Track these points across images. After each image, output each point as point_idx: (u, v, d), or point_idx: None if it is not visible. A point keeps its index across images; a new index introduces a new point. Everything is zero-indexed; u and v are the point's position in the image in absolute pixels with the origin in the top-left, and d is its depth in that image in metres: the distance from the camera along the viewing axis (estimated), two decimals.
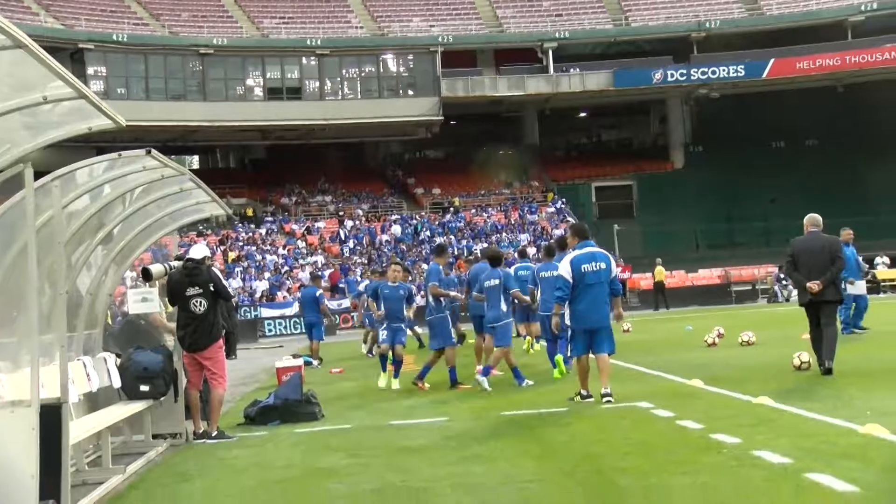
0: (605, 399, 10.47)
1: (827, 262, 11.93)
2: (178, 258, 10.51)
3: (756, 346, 16.78)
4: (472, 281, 14.46)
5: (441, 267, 14.60)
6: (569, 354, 12.15)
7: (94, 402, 9.61)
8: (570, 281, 10.68)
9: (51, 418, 6.11)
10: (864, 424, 7.72)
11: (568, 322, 10.99)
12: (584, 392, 10.80)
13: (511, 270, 14.47)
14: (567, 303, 10.79)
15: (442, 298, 13.85)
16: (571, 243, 11.25)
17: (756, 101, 55.39)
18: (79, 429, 7.87)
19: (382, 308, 14.35)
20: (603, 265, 10.75)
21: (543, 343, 16.12)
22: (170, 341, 10.59)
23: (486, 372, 12.98)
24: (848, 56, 52.63)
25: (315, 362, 19.73)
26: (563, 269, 10.85)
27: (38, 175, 6.62)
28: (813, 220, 12.50)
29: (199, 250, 10.44)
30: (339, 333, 34.88)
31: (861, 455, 6.73)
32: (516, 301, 13.71)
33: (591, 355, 10.90)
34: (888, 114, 54.30)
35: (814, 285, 11.88)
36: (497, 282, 13.10)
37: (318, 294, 20.90)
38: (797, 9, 55.40)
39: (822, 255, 11.97)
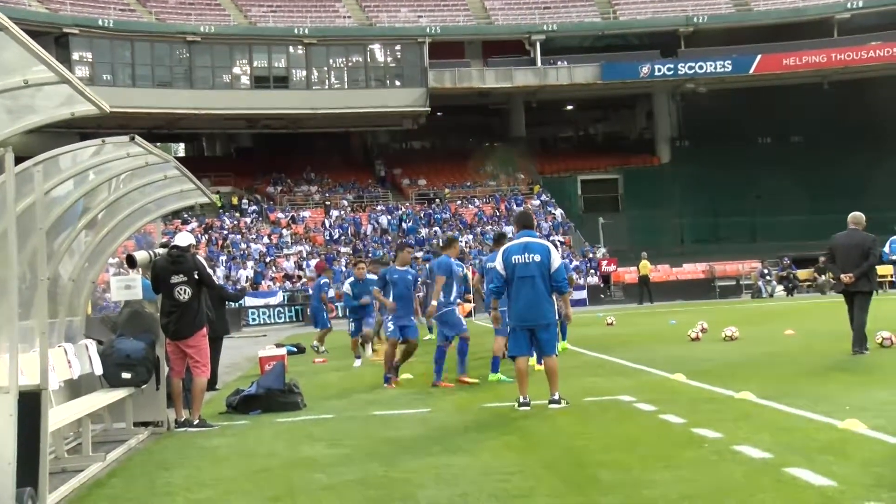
0: (550, 405, 9.76)
1: (859, 257, 13.13)
2: (163, 245, 10.47)
3: (739, 342, 16.84)
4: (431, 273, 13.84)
5: (452, 260, 13.25)
6: (506, 353, 11.29)
7: (75, 389, 9.56)
8: (503, 274, 10.01)
9: (29, 405, 6.06)
10: (843, 420, 7.77)
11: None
12: (521, 398, 9.88)
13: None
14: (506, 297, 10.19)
15: (454, 288, 12.95)
16: (514, 232, 10.64)
17: (743, 96, 55.61)
18: (59, 416, 7.83)
19: (391, 295, 13.23)
20: (537, 257, 9.86)
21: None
22: None
23: (495, 365, 12.67)
24: (834, 53, 52.93)
25: (322, 348, 19.84)
26: (497, 261, 10.25)
27: (20, 160, 6.56)
28: (854, 218, 13.58)
29: (184, 238, 10.41)
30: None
31: (840, 450, 6.76)
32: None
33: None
34: (874, 111, 54.61)
35: (846, 277, 13.10)
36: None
37: (321, 282, 20.99)
38: (784, 5, 55.62)
39: (855, 250, 13.18)
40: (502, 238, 13.77)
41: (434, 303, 12.94)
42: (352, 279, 17.74)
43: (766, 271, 43.43)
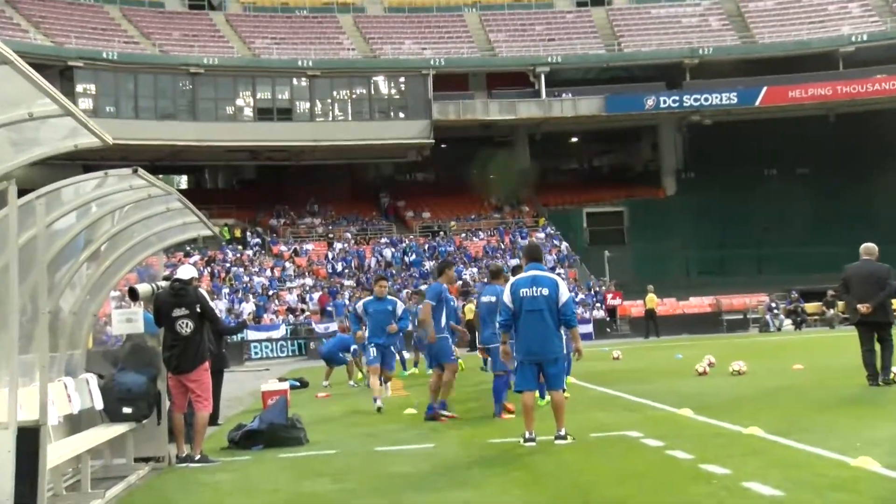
0: (556, 441, 9.73)
1: (874, 288, 13.26)
2: (165, 278, 10.48)
3: (747, 376, 16.75)
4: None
5: (445, 286, 13.16)
6: (513, 388, 11.08)
7: (75, 424, 9.51)
8: (511, 307, 9.97)
9: (28, 441, 6.03)
10: (855, 457, 7.69)
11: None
12: (527, 434, 9.84)
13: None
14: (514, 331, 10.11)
15: (442, 315, 12.89)
16: (523, 265, 10.65)
17: (749, 128, 55.67)
18: (58, 452, 7.78)
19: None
20: (545, 290, 9.87)
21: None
22: None
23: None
24: (839, 86, 53.08)
25: (326, 383, 19.95)
26: (505, 294, 10.18)
27: (23, 192, 6.58)
28: (867, 249, 13.75)
29: (186, 271, 10.43)
30: None
31: (852, 488, 6.70)
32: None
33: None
34: (880, 142, 54.68)
35: (864, 307, 13.25)
36: (493, 298, 12.75)
37: (345, 338, 20.99)
38: (789, 38, 55.85)
39: (871, 279, 13.34)
40: (499, 273, 13.87)
41: (431, 331, 12.86)
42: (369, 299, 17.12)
43: (773, 305, 43.32)
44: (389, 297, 15.01)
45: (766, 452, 8.49)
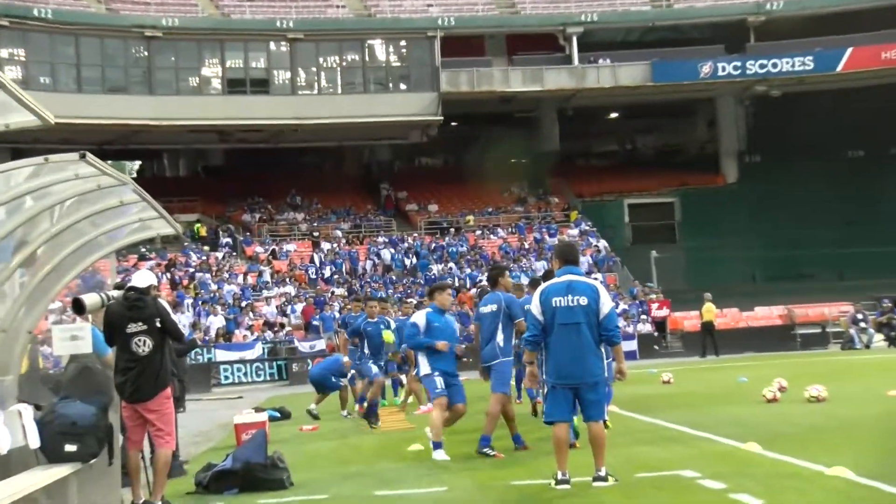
0: (595, 482, 9.69)
1: None
2: (117, 286, 10.49)
3: (828, 403, 16.74)
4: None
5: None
6: (543, 419, 10.85)
7: (3, 466, 9.52)
8: (541, 320, 9.94)
9: None
10: None
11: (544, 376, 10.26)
12: (559, 474, 9.78)
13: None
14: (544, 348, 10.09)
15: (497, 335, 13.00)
16: (554, 268, 10.60)
17: (828, 100, 55.50)
18: None
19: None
20: (583, 299, 9.81)
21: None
22: None
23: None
24: None
25: (315, 409, 20.13)
26: (533, 304, 10.12)
27: None
28: None
29: (143, 278, 10.43)
30: None
31: None
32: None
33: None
34: None
35: None
36: (494, 308, 12.92)
37: (339, 359, 21.16)
38: None
39: None
40: (500, 275, 13.61)
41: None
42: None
43: (860, 316, 43.16)
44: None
45: (854, 499, 8.48)
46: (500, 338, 12.82)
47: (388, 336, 16.92)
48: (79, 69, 48.21)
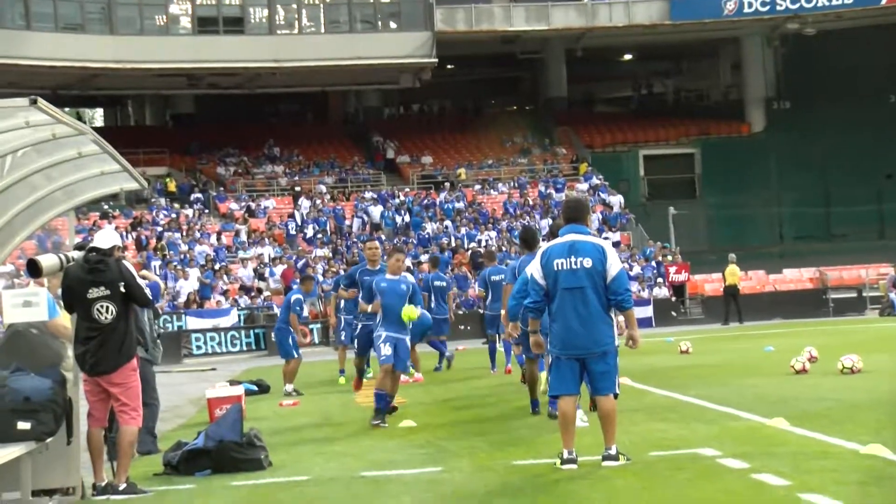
0: (605, 462, 9.75)
1: None
2: (78, 247, 10.44)
3: (863, 375, 16.78)
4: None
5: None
6: (547, 393, 11.09)
7: None
8: (542, 284, 9.94)
9: None
10: None
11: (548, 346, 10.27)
12: (565, 453, 9.83)
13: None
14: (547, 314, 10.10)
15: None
16: (558, 227, 10.60)
17: (868, 38, 55.26)
18: None
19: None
20: (587, 261, 9.74)
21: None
22: None
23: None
24: None
25: (292, 388, 19.94)
26: (534, 266, 10.12)
27: None
28: None
29: (106, 237, 10.35)
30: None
31: None
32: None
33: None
34: None
35: None
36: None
37: (292, 299, 20.88)
38: None
39: None
40: (536, 237, 14.38)
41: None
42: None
43: None
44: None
45: (892, 479, 8.51)
46: None
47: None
48: (27, 3, 47.67)
